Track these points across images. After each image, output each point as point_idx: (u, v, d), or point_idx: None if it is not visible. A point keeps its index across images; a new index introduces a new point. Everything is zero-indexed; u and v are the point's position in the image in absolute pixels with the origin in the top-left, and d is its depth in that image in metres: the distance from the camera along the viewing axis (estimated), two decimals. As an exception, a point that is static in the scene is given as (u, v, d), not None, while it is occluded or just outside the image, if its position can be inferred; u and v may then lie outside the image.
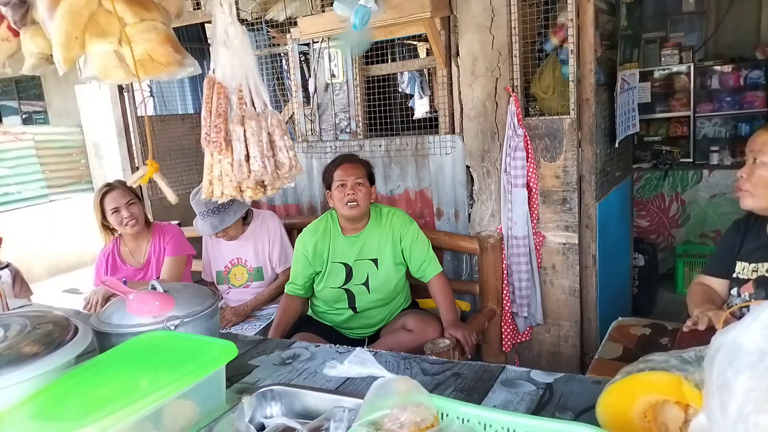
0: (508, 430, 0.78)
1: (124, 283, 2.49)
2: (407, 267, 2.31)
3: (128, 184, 1.21)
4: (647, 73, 4.31)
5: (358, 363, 0.84)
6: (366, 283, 2.26)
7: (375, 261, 2.25)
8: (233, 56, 1.08)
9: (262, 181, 1.16)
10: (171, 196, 1.21)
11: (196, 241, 2.86)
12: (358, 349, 0.91)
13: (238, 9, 3.16)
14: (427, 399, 0.82)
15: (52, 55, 1.24)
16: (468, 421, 0.81)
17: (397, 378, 0.84)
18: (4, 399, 0.92)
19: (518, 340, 2.69)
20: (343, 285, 2.26)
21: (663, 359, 0.80)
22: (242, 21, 3.30)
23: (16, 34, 1.29)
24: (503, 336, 2.65)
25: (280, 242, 2.72)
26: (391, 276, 2.27)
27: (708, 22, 4.59)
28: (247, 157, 1.11)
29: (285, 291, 2.38)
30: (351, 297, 2.27)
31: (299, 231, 3.07)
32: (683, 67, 4.28)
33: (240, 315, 2.62)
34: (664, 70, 4.40)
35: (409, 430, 0.78)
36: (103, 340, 1.20)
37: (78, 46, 1.15)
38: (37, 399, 0.93)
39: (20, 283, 2.86)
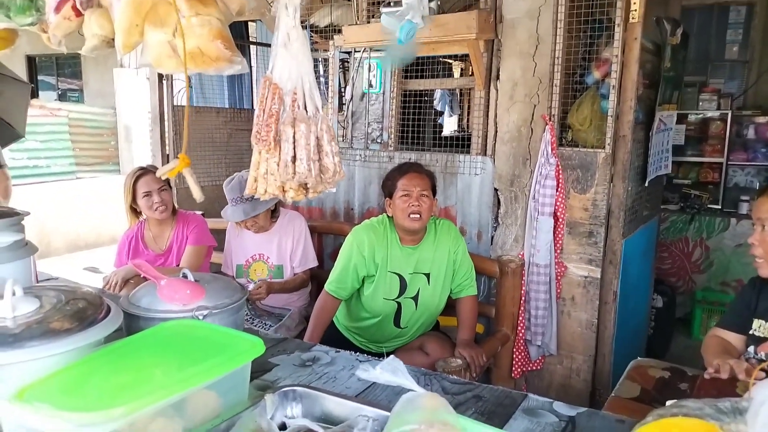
0: (534, 459, 0.78)
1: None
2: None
3: (157, 174, 1.23)
4: (683, 115, 4.29)
5: (389, 371, 0.85)
6: (415, 298, 2.21)
7: (428, 276, 2.20)
8: (292, 59, 1.10)
9: (305, 184, 1.17)
10: (197, 194, 1.23)
11: (218, 234, 2.89)
12: (391, 357, 0.91)
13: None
14: (454, 418, 0.82)
15: (112, 39, 1.27)
16: (493, 445, 0.80)
17: (426, 394, 0.84)
18: (35, 370, 0.94)
19: (529, 368, 2.66)
20: (396, 298, 2.19)
21: (697, 406, 0.79)
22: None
23: (78, 14, 1.33)
24: (514, 362, 2.63)
25: (303, 243, 2.73)
26: (440, 293, 2.23)
27: (749, 72, 4.56)
28: (294, 158, 1.12)
29: (326, 290, 2.23)
30: (399, 310, 2.21)
31: (320, 235, 3.11)
32: (720, 114, 4.25)
33: (269, 290, 2.58)
34: (700, 114, 4.37)
35: (435, 447, 0.77)
36: (131, 322, 1.21)
37: (138, 34, 1.19)
38: (66, 374, 0.95)
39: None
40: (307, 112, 1.14)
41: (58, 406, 0.84)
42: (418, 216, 2.09)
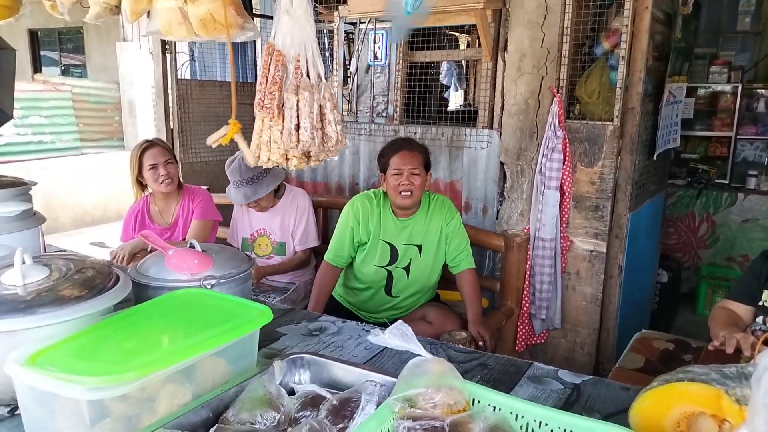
0: (540, 423, 0.79)
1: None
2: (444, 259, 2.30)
3: (208, 142, 1.22)
4: (692, 89, 4.22)
5: (398, 336, 0.85)
6: (407, 268, 2.26)
7: (419, 247, 2.25)
8: (294, 25, 1.09)
9: (308, 152, 1.17)
10: (251, 159, 1.22)
11: (223, 209, 2.89)
12: (399, 321, 0.92)
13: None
14: (461, 383, 0.83)
15: (116, 6, 1.25)
16: (500, 409, 0.81)
17: (433, 359, 0.84)
18: (46, 336, 0.95)
19: (533, 342, 2.68)
20: (387, 265, 2.26)
21: (703, 372, 0.79)
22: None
23: (84, -18, 1.31)
24: (518, 335, 2.65)
25: (305, 221, 2.73)
26: (432, 264, 2.27)
27: (761, 44, 4.46)
28: (297, 126, 1.12)
29: (325, 260, 2.30)
30: (390, 279, 2.27)
31: (325, 210, 3.11)
32: (730, 87, 4.18)
33: (259, 274, 2.62)
34: (709, 87, 4.30)
35: (442, 411, 0.78)
36: (140, 292, 1.22)
37: (146, 1, 1.17)
38: (77, 340, 0.96)
39: None
40: (310, 79, 1.12)
41: (69, 370, 0.85)
42: (410, 193, 2.13)
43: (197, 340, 0.95)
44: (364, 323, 1.41)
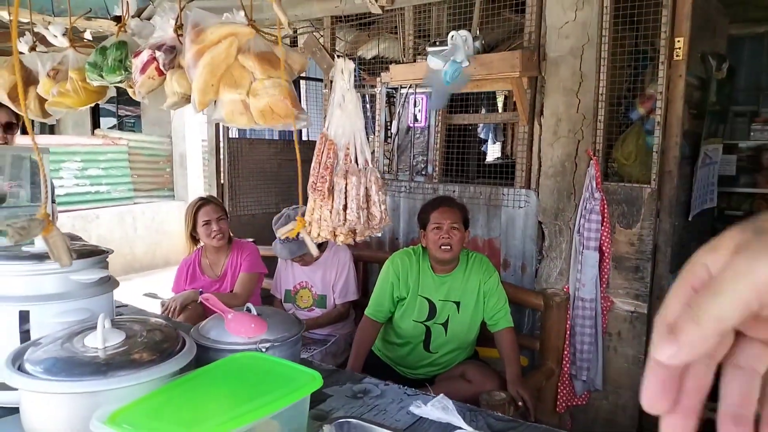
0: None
1: (201, 292, 2.70)
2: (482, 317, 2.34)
3: (278, 235, 1.35)
4: (733, 146, 4.21)
5: (440, 408, 0.92)
6: (445, 324, 2.31)
7: (458, 304, 2.30)
8: (346, 118, 1.21)
9: (354, 229, 1.27)
10: (314, 251, 1.34)
11: (267, 260, 3.03)
12: (441, 395, 0.98)
13: (335, 52, 3.37)
14: (502, 457, 0.88)
15: (189, 96, 1.41)
16: (539, 484, 0.86)
17: (475, 432, 0.90)
18: (121, 397, 1.05)
19: (574, 403, 2.65)
20: (425, 321, 2.31)
21: None
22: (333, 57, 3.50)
23: (161, 74, 1.49)
24: (558, 396, 2.63)
25: (346, 275, 2.83)
26: (470, 322, 2.32)
27: (804, 99, 4.44)
28: (345, 206, 1.23)
29: (366, 315, 2.37)
30: (428, 335, 2.32)
31: (365, 264, 3.21)
32: (773, 144, 4.16)
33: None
34: (751, 143, 4.28)
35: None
36: (201, 352, 1.32)
37: (212, 93, 1.32)
38: (150, 401, 1.06)
39: None
40: (357, 165, 1.24)
41: (144, 429, 0.94)
42: (449, 247, 2.21)
43: (256, 404, 1.03)
44: (405, 387, 1.47)
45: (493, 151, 6.37)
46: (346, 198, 1.23)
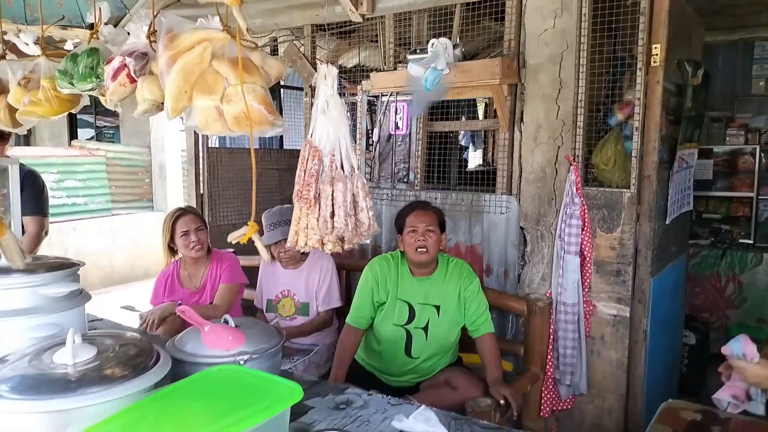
0: None
1: (179, 304, 2.64)
2: (464, 322, 2.34)
3: (229, 239, 1.32)
4: (709, 150, 4.29)
5: (423, 420, 0.90)
6: (426, 328, 2.30)
7: (438, 308, 2.31)
8: (330, 124, 1.19)
9: (342, 237, 1.25)
10: (265, 256, 1.32)
11: (248, 271, 2.98)
12: (423, 407, 0.96)
13: (316, 60, 3.36)
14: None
15: (161, 103, 1.38)
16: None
17: (459, 443, 0.88)
18: (94, 414, 1.01)
19: (559, 408, 2.65)
20: (405, 324, 2.31)
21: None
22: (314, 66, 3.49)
23: (132, 81, 1.45)
24: (543, 401, 2.62)
25: (329, 283, 2.80)
26: (450, 326, 2.32)
27: (777, 105, 4.54)
28: (332, 214, 1.20)
29: (347, 323, 2.37)
30: (409, 339, 2.32)
31: (348, 272, 3.17)
32: (749, 148, 4.23)
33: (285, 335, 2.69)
34: (727, 148, 4.35)
35: (469, 496, 0.81)
36: (177, 366, 1.28)
37: (186, 99, 1.29)
38: (124, 418, 1.02)
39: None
40: (344, 171, 1.22)
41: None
42: (425, 249, 2.24)
43: (234, 419, 0.99)
44: (389, 397, 1.45)
45: (474, 158, 6.40)
46: (333, 205, 1.21)
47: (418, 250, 2.24)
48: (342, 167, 1.22)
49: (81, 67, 1.50)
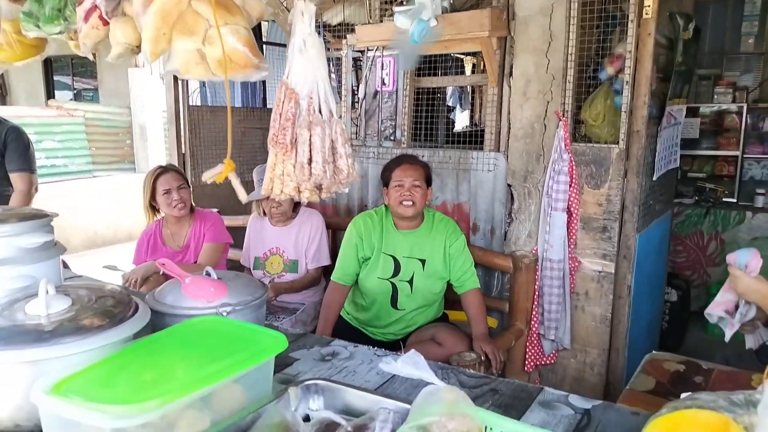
0: (552, 450, 0.81)
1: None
2: (449, 277, 2.35)
3: (204, 179, 1.27)
4: (696, 109, 4.26)
5: (411, 364, 0.88)
6: (411, 281, 2.31)
7: (423, 262, 2.31)
8: (308, 64, 1.13)
9: (320, 184, 1.21)
10: (243, 196, 1.27)
11: (233, 231, 2.94)
12: (412, 351, 0.94)
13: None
14: (474, 411, 0.85)
15: (137, 46, 1.31)
16: (512, 437, 0.83)
17: (447, 387, 0.87)
18: (69, 365, 0.98)
19: (542, 362, 2.68)
20: (391, 278, 2.32)
21: (711, 399, 0.81)
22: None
23: (105, 23, 1.37)
24: (527, 356, 2.65)
25: (318, 241, 2.79)
26: (436, 280, 2.32)
27: (766, 64, 4.51)
28: (310, 160, 1.16)
29: (332, 280, 2.38)
30: (395, 292, 2.33)
31: (334, 231, 3.15)
32: (735, 107, 4.22)
33: (276, 290, 2.66)
34: (714, 107, 4.34)
35: (455, 438, 0.80)
36: (157, 319, 1.25)
37: (165, 42, 1.22)
38: (100, 369, 0.99)
39: None
40: (322, 115, 1.17)
41: (93, 399, 0.88)
42: (411, 203, 2.23)
43: (215, 368, 0.97)
44: (375, 348, 1.44)
45: (461, 119, 6.33)
46: (310, 151, 1.16)
47: (404, 203, 2.23)
48: (320, 111, 1.16)
49: (47, 9, 1.41)
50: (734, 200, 4.19)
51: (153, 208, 2.77)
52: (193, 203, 2.83)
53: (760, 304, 1.47)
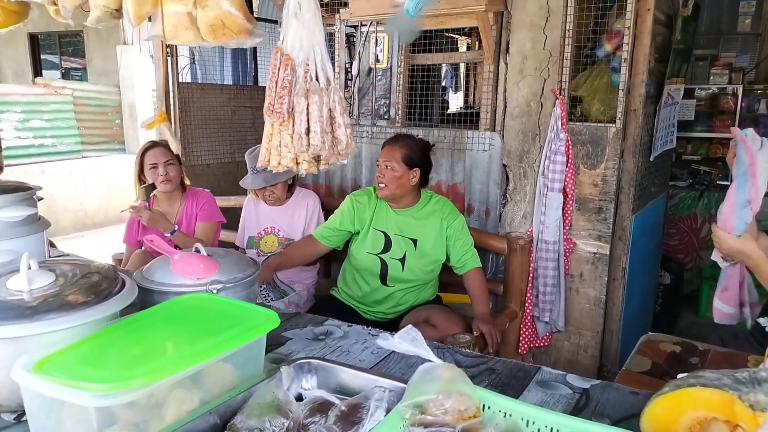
0: (552, 429, 0.78)
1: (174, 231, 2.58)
2: (444, 259, 2.33)
3: (140, 126, 1.22)
4: (692, 90, 4.23)
5: (408, 340, 0.85)
6: (402, 260, 2.30)
7: (414, 242, 2.30)
8: (303, 29, 1.08)
9: (318, 156, 1.16)
10: (174, 146, 1.23)
11: (225, 211, 2.90)
12: (408, 326, 0.92)
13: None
14: (471, 389, 0.83)
15: (116, 10, 1.25)
16: (510, 415, 0.81)
17: (444, 365, 0.84)
18: (52, 342, 0.94)
19: (536, 345, 2.68)
20: (380, 253, 2.31)
21: (715, 376, 0.79)
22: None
23: (86, -14, 1.31)
24: (521, 338, 2.64)
25: (316, 220, 2.78)
26: (428, 261, 2.30)
27: (762, 45, 4.47)
28: (308, 130, 1.11)
29: (311, 234, 2.48)
30: (384, 268, 2.31)
31: (327, 211, 3.10)
32: (731, 88, 4.18)
33: (269, 268, 2.63)
34: (710, 89, 4.30)
35: (453, 417, 0.78)
36: (145, 296, 1.22)
37: (150, 4, 1.17)
38: (84, 346, 0.95)
39: None
40: (319, 83, 1.12)
41: (77, 377, 0.84)
42: (383, 185, 2.24)
43: (204, 345, 0.94)
44: (369, 327, 1.41)
45: (455, 100, 6.27)
46: (308, 120, 1.11)
47: (379, 184, 2.26)
48: (317, 79, 1.11)
49: (27, -27, 1.35)
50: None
51: (142, 182, 2.72)
52: (187, 181, 2.78)
53: (747, 264, 1.42)
